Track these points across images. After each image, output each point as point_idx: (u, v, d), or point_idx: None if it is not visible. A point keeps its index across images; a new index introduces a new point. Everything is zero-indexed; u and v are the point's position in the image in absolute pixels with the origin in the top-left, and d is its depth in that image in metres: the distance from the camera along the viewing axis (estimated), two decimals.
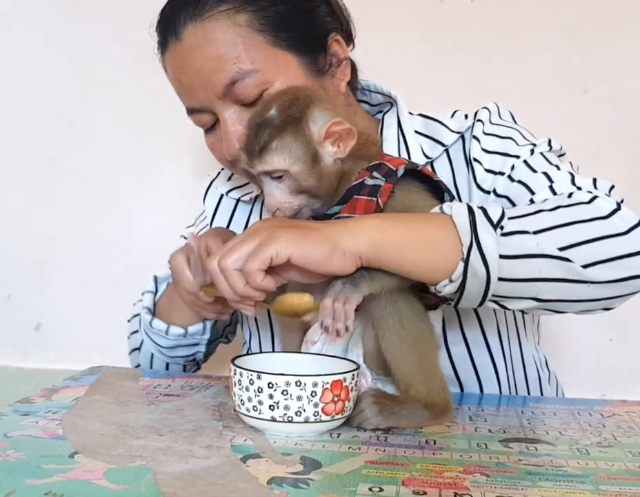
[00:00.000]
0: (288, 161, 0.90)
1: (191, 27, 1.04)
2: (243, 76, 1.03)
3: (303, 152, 0.91)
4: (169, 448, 0.80)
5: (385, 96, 1.23)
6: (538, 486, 0.72)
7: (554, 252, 0.88)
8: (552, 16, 1.62)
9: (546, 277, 0.89)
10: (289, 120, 0.91)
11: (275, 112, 0.92)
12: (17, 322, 1.79)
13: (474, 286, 0.88)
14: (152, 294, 1.25)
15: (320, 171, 0.92)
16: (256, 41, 1.04)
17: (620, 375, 1.65)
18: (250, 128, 0.94)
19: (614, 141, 1.60)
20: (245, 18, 1.04)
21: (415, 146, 1.15)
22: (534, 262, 0.88)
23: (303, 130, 0.91)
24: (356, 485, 0.70)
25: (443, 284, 0.89)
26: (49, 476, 0.70)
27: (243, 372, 0.84)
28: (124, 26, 1.67)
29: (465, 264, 0.87)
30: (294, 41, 1.06)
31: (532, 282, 0.89)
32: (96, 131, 1.77)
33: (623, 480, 0.74)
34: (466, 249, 0.86)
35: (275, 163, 0.91)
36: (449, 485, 0.71)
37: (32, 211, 1.80)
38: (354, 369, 0.87)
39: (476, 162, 1.10)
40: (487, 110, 1.15)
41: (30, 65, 1.77)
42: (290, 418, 0.83)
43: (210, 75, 1.04)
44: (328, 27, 1.11)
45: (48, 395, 1.01)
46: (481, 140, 1.11)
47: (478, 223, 0.87)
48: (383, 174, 0.93)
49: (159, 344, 1.21)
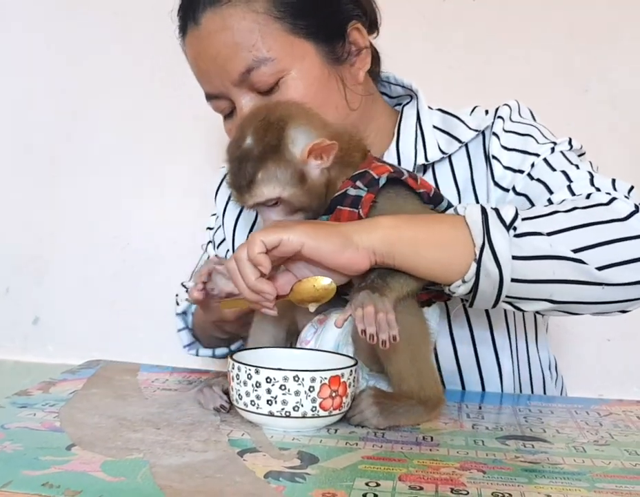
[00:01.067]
0: (278, 189, 0.91)
1: (210, 13, 1.04)
2: (259, 64, 1.03)
3: (289, 176, 0.91)
4: (166, 441, 0.80)
5: (405, 89, 1.22)
6: (535, 483, 0.72)
7: (567, 254, 0.88)
8: (553, 16, 1.62)
9: (560, 278, 0.88)
10: (267, 149, 0.90)
11: (251, 141, 0.91)
12: (15, 316, 1.80)
13: (487, 287, 0.88)
14: (188, 331, 1.27)
15: (309, 188, 0.92)
16: (273, 28, 1.03)
17: (618, 375, 1.65)
18: (231, 162, 0.93)
19: (615, 141, 1.60)
20: (263, 5, 1.03)
21: (432, 141, 1.14)
22: (548, 264, 0.88)
23: (284, 155, 0.91)
24: (353, 480, 0.70)
25: (456, 285, 0.89)
26: (46, 468, 0.70)
27: (241, 366, 0.85)
28: (124, 25, 1.67)
29: (478, 264, 0.87)
30: (313, 29, 1.06)
31: (545, 284, 0.89)
32: (96, 129, 1.77)
33: (619, 478, 0.74)
34: (478, 250, 0.86)
35: (266, 194, 0.91)
36: (445, 481, 0.71)
37: (31, 207, 1.80)
38: (352, 365, 0.87)
39: (494, 159, 1.10)
40: (507, 107, 1.14)
41: (29, 64, 1.77)
42: (288, 413, 0.83)
43: (225, 62, 1.04)
44: (349, 15, 1.10)
45: (46, 388, 1.01)
46: (500, 137, 1.11)
47: (490, 224, 0.87)
48: (366, 183, 0.92)
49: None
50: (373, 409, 0.87)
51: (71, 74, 1.76)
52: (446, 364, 1.12)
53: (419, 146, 1.14)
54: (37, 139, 1.79)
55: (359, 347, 0.95)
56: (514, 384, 1.16)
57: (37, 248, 1.80)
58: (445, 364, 1.12)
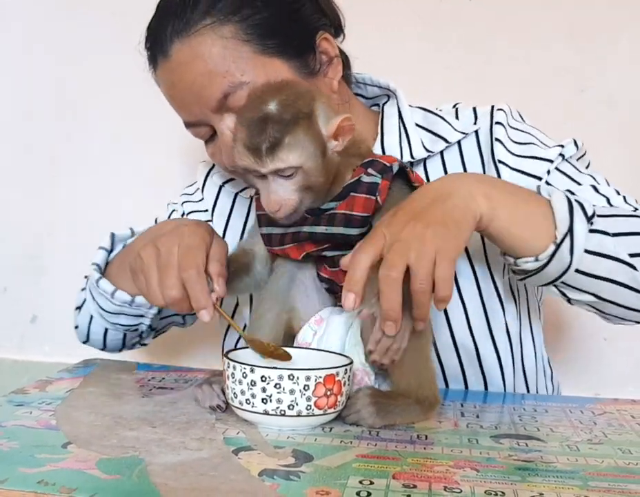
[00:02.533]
0: (302, 158, 0.88)
1: (178, 44, 1.04)
2: (235, 89, 1.03)
3: (314, 147, 0.88)
4: (161, 440, 0.80)
5: (382, 89, 1.22)
6: (528, 481, 0.72)
7: (625, 258, 0.95)
8: (551, 16, 1.62)
9: (613, 278, 0.95)
10: (299, 115, 0.88)
11: (278, 106, 0.88)
12: (13, 314, 1.80)
13: (553, 269, 0.93)
14: (106, 252, 1.19)
15: (326, 167, 0.90)
16: (243, 51, 1.03)
17: (614, 374, 1.65)
18: (249, 123, 0.89)
19: (612, 141, 1.60)
20: (230, 30, 1.03)
21: (416, 139, 1.15)
22: (608, 263, 0.94)
23: (314, 124, 0.89)
24: (347, 478, 0.70)
25: (525, 260, 0.94)
26: (42, 465, 0.71)
27: (237, 365, 0.85)
28: (123, 25, 1.67)
29: (556, 248, 0.92)
30: (282, 47, 1.05)
31: (599, 280, 0.95)
32: (94, 130, 1.76)
33: (612, 476, 0.74)
34: (561, 235, 0.91)
35: (290, 160, 0.87)
36: (439, 479, 0.71)
37: (30, 207, 1.80)
38: (347, 364, 0.87)
39: (501, 164, 1.12)
40: (503, 112, 1.15)
41: (28, 64, 1.77)
42: (283, 412, 0.83)
43: (201, 90, 1.03)
44: (315, 26, 1.10)
45: (42, 387, 1.02)
46: (505, 143, 1.12)
47: (575, 213, 0.92)
48: (378, 170, 0.92)
49: (102, 307, 1.14)
50: (370, 409, 0.87)
51: (70, 75, 1.76)
52: (448, 361, 1.13)
53: (404, 144, 1.15)
54: (36, 138, 1.79)
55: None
56: (514, 380, 1.16)
57: (35, 248, 1.80)
58: (447, 361, 1.13)
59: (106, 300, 1.13)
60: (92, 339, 1.22)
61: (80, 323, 1.22)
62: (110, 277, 1.14)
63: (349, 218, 0.91)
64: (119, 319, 1.15)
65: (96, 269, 1.15)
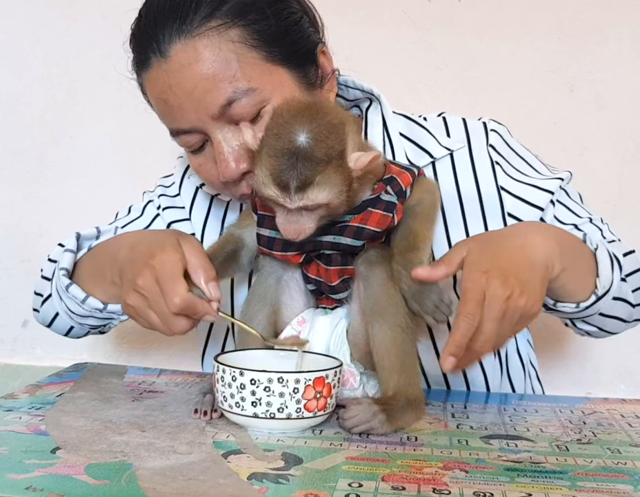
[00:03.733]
0: (330, 196, 0.86)
1: (179, 45, 0.98)
2: (240, 96, 0.98)
3: (342, 184, 0.86)
4: (151, 444, 0.80)
5: (364, 93, 1.19)
6: (516, 482, 0.72)
7: (631, 299, 1.06)
8: (539, 16, 1.62)
9: (617, 315, 1.06)
10: (331, 153, 0.85)
11: (310, 140, 0.84)
12: (4, 318, 1.79)
13: (583, 313, 1.01)
14: (73, 254, 1.11)
15: (350, 196, 0.89)
16: (250, 57, 0.99)
17: (605, 374, 1.66)
18: (277, 155, 0.85)
19: (600, 140, 1.60)
20: (237, 34, 0.99)
21: (400, 150, 1.14)
22: (619, 304, 1.04)
23: (345, 163, 0.87)
24: (336, 481, 0.70)
25: (565, 305, 0.99)
26: (30, 471, 0.71)
27: (226, 368, 0.85)
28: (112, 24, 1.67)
29: (596, 300, 0.98)
30: (286, 55, 1.03)
31: (608, 318, 1.05)
32: (84, 132, 1.76)
33: (600, 476, 0.75)
34: (602, 292, 0.98)
35: (318, 199, 0.85)
36: (428, 481, 0.71)
37: (19, 208, 1.79)
38: (336, 366, 0.87)
39: (503, 191, 1.13)
40: (497, 134, 1.16)
41: (17, 62, 1.76)
42: (272, 415, 0.83)
43: (204, 95, 0.99)
44: (314, 39, 1.08)
45: (32, 391, 1.02)
46: (504, 167, 1.13)
47: (614, 271, 0.99)
48: (396, 191, 0.92)
49: (71, 309, 1.11)
50: (380, 417, 0.87)
51: (59, 72, 1.75)
52: (429, 365, 1.12)
53: (388, 155, 1.13)
54: (25, 141, 1.78)
55: (355, 346, 0.95)
56: (501, 382, 1.17)
57: (26, 251, 1.79)
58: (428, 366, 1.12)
59: (76, 305, 1.09)
60: (55, 329, 1.20)
61: (44, 313, 1.19)
62: (80, 282, 1.09)
63: (361, 231, 0.91)
64: (87, 321, 1.12)
65: (64, 274, 1.09)
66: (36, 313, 1.22)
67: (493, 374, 1.15)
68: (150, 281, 0.90)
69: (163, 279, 0.90)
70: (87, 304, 1.07)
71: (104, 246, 1.10)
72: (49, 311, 1.18)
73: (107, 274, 1.02)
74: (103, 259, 1.06)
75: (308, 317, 0.97)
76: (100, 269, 1.05)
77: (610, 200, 1.58)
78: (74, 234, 1.14)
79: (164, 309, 0.90)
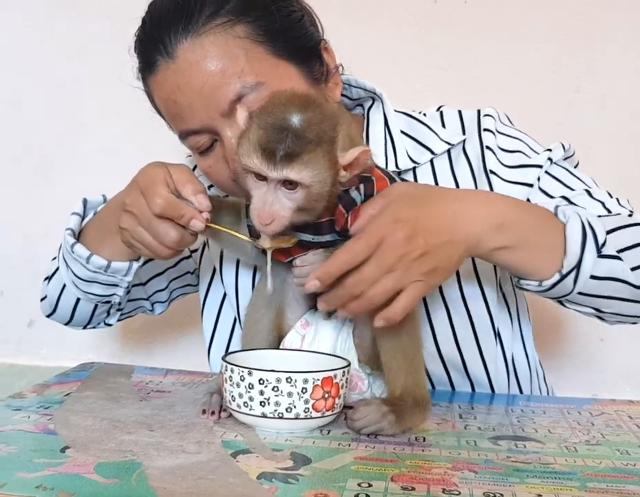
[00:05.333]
0: (314, 179, 0.84)
1: (186, 45, 0.99)
2: (249, 91, 0.99)
3: (327, 173, 0.85)
4: (159, 443, 0.80)
5: (367, 92, 1.19)
6: (526, 483, 0.72)
7: (628, 278, 0.96)
8: (543, 16, 1.62)
9: (615, 296, 0.98)
10: (323, 136, 0.84)
11: (303, 120, 0.84)
12: (10, 318, 1.79)
13: (555, 293, 0.97)
14: (80, 217, 1.14)
15: (330, 194, 0.87)
16: (257, 52, 1.00)
17: (611, 375, 1.66)
18: (267, 127, 0.85)
19: (605, 141, 1.60)
20: (243, 30, 1.00)
21: (401, 147, 1.14)
22: (613, 284, 0.97)
23: (334, 151, 0.85)
24: (346, 481, 0.70)
25: (528, 283, 0.97)
26: (40, 470, 0.71)
27: (234, 368, 0.85)
28: (116, 24, 1.67)
29: (561, 278, 0.94)
30: (292, 51, 1.03)
31: (602, 298, 0.98)
32: (89, 131, 1.76)
33: (610, 478, 0.74)
34: (568, 268, 0.94)
35: (302, 175, 0.83)
36: (437, 481, 0.71)
37: (24, 208, 1.79)
38: (344, 366, 0.87)
39: (493, 174, 1.12)
40: (491, 118, 1.15)
41: (21, 63, 1.76)
42: (281, 414, 0.83)
43: (213, 92, 0.99)
44: (316, 36, 1.09)
45: (40, 391, 1.02)
46: (496, 152, 1.12)
47: (587, 247, 0.94)
48: (366, 193, 0.91)
49: (76, 274, 1.10)
50: (390, 418, 0.87)
51: (62, 73, 1.75)
52: (434, 369, 1.12)
53: (389, 153, 1.13)
54: (30, 140, 1.78)
55: (361, 349, 0.95)
56: (508, 383, 1.16)
57: (32, 251, 1.79)
58: (433, 369, 1.12)
59: (81, 266, 1.08)
60: (60, 311, 1.19)
61: (50, 293, 1.19)
62: (85, 242, 1.10)
63: (333, 225, 0.90)
64: (92, 288, 1.11)
65: (70, 234, 1.10)
66: (44, 301, 1.22)
67: (497, 373, 1.15)
68: (136, 195, 0.94)
69: (145, 187, 0.93)
70: (91, 262, 1.07)
71: (108, 203, 1.13)
72: (55, 288, 1.17)
73: (112, 224, 1.02)
74: (108, 213, 1.08)
75: (311, 319, 0.97)
76: (106, 223, 1.07)
77: None
78: (81, 199, 1.17)
79: (149, 216, 0.92)
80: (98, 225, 1.11)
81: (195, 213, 0.91)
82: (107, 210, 1.11)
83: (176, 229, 0.93)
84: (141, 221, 0.94)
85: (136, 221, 0.94)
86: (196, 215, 0.92)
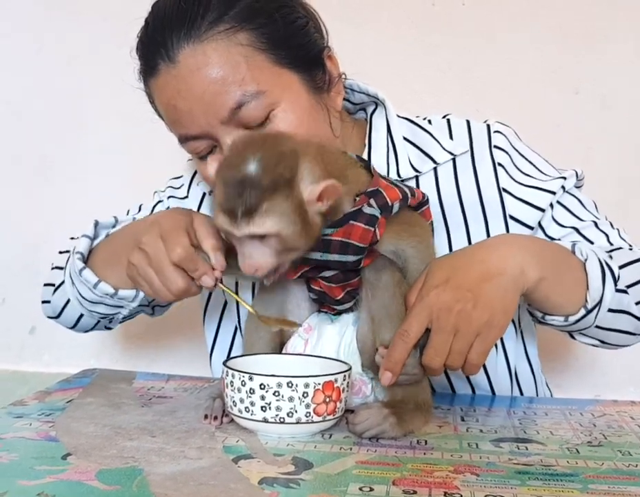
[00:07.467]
0: (280, 225, 0.83)
1: (188, 50, 0.98)
2: (250, 99, 0.98)
3: (293, 214, 0.84)
4: (161, 449, 0.80)
5: (369, 97, 1.19)
6: (528, 485, 0.72)
7: (634, 311, 1.02)
8: (543, 18, 1.62)
9: (620, 329, 1.03)
10: (279, 180, 0.83)
11: (258, 168, 0.83)
12: (12, 325, 1.79)
13: (576, 327, 1.00)
14: (90, 240, 1.13)
15: (307, 230, 0.86)
16: (259, 60, 0.99)
17: (614, 376, 1.65)
18: (228, 185, 0.85)
19: (604, 142, 1.60)
20: (246, 37, 0.99)
21: (403, 155, 1.14)
22: (621, 317, 1.01)
23: (295, 190, 0.84)
24: (347, 485, 0.70)
25: (553, 318, 0.99)
26: (41, 477, 0.71)
27: (235, 373, 0.85)
28: (117, 25, 1.67)
29: (587, 313, 0.97)
30: (294, 59, 1.03)
31: (609, 331, 1.03)
32: (88, 134, 1.76)
33: (612, 479, 0.74)
34: (592, 303, 0.97)
35: (266, 227, 0.83)
36: (439, 484, 0.71)
37: (25, 214, 1.79)
38: (345, 370, 0.87)
39: (505, 192, 1.12)
40: (502, 136, 1.15)
41: (20, 66, 1.77)
42: (282, 419, 0.83)
43: (213, 99, 0.98)
44: (320, 44, 1.08)
45: (42, 398, 1.02)
46: (508, 169, 1.13)
47: (606, 282, 0.98)
48: (380, 205, 0.90)
49: (82, 295, 1.11)
50: (391, 420, 0.87)
51: (62, 75, 1.75)
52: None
53: (391, 160, 1.13)
54: (29, 145, 1.78)
55: (364, 353, 0.95)
56: (512, 388, 1.16)
57: (33, 257, 1.79)
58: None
59: (88, 290, 1.09)
60: (63, 319, 1.20)
61: (55, 302, 1.19)
62: (94, 267, 1.10)
63: (345, 245, 0.89)
64: (98, 308, 1.12)
65: (79, 258, 1.10)
66: (46, 304, 1.22)
67: (496, 376, 1.14)
68: (154, 237, 0.94)
69: (167, 232, 0.93)
70: (98, 288, 1.08)
71: (121, 230, 1.13)
72: (60, 299, 1.18)
73: (122, 255, 1.01)
74: (120, 242, 1.08)
75: (313, 323, 0.97)
76: (116, 252, 1.06)
77: (613, 202, 1.58)
78: (93, 221, 1.17)
79: (163, 260, 0.92)
80: (109, 250, 1.11)
81: (209, 270, 0.92)
82: (121, 237, 1.10)
83: (185, 280, 0.93)
84: (153, 263, 0.94)
85: (148, 261, 0.94)
86: (209, 272, 0.93)
